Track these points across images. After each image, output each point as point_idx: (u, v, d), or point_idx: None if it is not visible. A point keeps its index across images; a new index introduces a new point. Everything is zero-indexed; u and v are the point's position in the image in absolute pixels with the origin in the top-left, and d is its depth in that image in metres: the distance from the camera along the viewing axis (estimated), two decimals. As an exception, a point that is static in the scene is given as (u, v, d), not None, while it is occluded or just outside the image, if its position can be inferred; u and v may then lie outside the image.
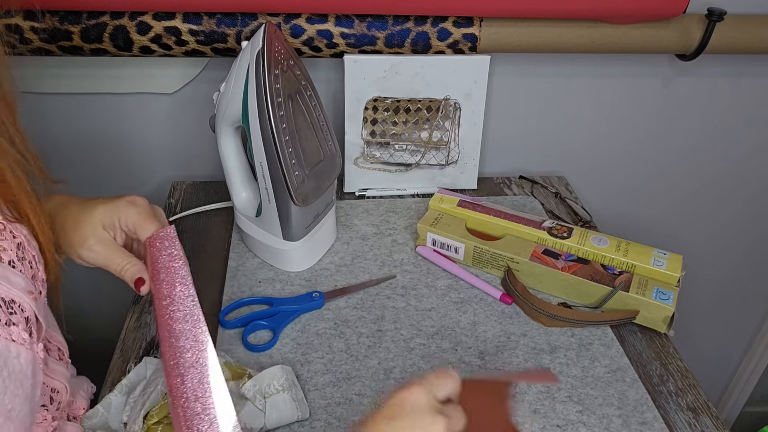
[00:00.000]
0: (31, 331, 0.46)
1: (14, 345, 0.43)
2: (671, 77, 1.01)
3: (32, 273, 0.49)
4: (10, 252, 0.46)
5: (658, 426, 0.64)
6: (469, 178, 1.00)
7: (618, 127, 1.06)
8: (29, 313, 0.46)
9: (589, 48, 0.90)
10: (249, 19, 0.83)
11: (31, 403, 0.45)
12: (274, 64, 0.69)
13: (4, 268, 0.45)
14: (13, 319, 0.44)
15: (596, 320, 0.74)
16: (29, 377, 0.45)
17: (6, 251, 0.46)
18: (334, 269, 0.83)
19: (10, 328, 0.43)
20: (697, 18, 0.89)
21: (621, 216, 1.16)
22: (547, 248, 0.80)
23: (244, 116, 0.72)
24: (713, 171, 1.12)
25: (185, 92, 0.95)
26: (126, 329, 0.75)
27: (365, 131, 0.94)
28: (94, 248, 0.58)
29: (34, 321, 0.47)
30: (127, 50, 0.84)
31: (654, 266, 0.75)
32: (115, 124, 0.97)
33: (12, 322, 0.44)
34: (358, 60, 0.88)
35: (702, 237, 1.21)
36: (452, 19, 0.86)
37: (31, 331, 0.46)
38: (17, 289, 0.45)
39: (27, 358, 0.45)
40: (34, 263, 0.50)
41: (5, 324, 0.43)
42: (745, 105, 1.05)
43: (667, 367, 0.71)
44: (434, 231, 0.84)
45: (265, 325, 0.73)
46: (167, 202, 0.96)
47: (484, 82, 0.91)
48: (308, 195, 0.75)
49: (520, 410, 0.65)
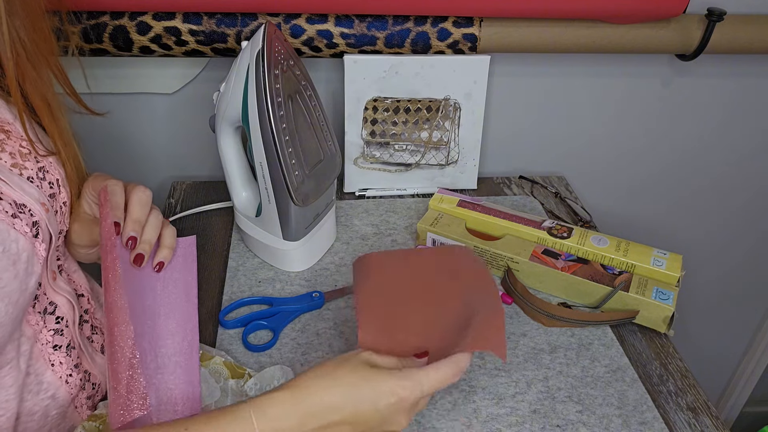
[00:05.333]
0: (37, 233, 0.53)
1: (14, 232, 0.50)
2: (671, 77, 1.01)
3: (51, 192, 0.58)
4: (30, 170, 0.56)
5: (657, 426, 0.64)
6: (469, 178, 1.00)
7: (618, 127, 1.06)
8: (38, 218, 0.53)
9: (589, 48, 0.90)
10: (249, 19, 0.83)
11: (21, 284, 0.50)
12: (274, 64, 0.69)
13: (22, 180, 0.54)
14: (20, 215, 0.51)
15: (596, 320, 0.74)
16: (23, 262, 0.51)
17: (27, 169, 0.55)
18: (334, 269, 0.83)
19: (14, 219, 0.51)
20: (697, 18, 0.89)
21: (621, 216, 1.16)
22: (547, 248, 0.80)
23: (244, 116, 0.72)
24: (713, 171, 1.12)
25: (185, 92, 0.95)
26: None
27: (365, 131, 0.94)
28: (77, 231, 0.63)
29: (43, 228, 0.54)
30: (127, 50, 0.84)
31: (654, 266, 0.75)
32: (115, 124, 0.97)
33: (17, 216, 0.51)
34: (358, 60, 0.88)
35: (702, 237, 1.21)
36: (452, 19, 0.86)
37: (37, 233, 0.53)
38: (30, 197, 0.53)
39: (24, 246, 0.51)
40: (56, 185, 0.59)
41: (11, 216, 0.51)
42: (745, 105, 1.05)
43: (667, 367, 0.71)
44: (434, 231, 0.84)
45: (265, 325, 0.73)
46: (167, 202, 0.96)
47: (484, 82, 0.91)
48: (308, 195, 0.75)
49: (520, 410, 0.65)
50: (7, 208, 0.50)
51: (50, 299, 0.58)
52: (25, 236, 0.51)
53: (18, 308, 0.50)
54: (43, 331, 0.57)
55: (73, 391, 0.60)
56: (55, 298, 0.58)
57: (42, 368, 0.57)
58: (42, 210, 0.54)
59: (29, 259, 0.51)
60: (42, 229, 0.54)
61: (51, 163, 0.59)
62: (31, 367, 0.55)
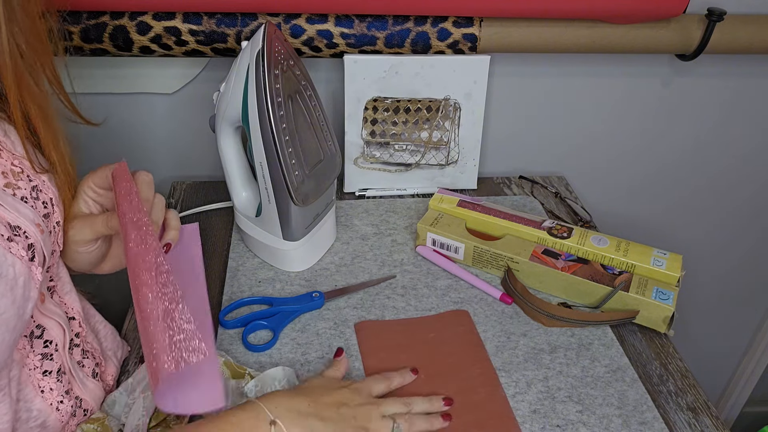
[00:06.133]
0: (33, 256, 0.51)
1: (10, 255, 0.48)
2: (671, 77, 1.01)
3: (45, 212, 0.55)
4: (24, 190, 0.53)
5: (658, 426, 0.64)
6: (469, 178, 1.00)
7: (618, 127, 1.06)
8: (33, 240, 0.51)
9: (589, 48, 0.90)
10: (249, 19, 0.83)
11: (19, 310, 0.49)
12: (274, 64, 0.69)
13: (16, 201, 0.52)
14: (15, 239, 0.50)
15: (596, 320, 0.74)
16: (20, 287, 0.49)
17: (20, 189, 0.53)
18: (334, 269, 0.83)
19: (10, 243, 0.49)
20: (697, 18, 0.89)
21: (621, 216, 1.16)
22: (547, 248, 0.80)
23: (244, 116, 0.72)
24: (713, 171, 1.12)
25: (185, 92, 0.95)
26: (126, 329, 0.75)
27: (365, 131, 0.94)
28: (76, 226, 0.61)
29: (38, 250, 0.52)
30: (127, 50, 0.84)
31: (654, 266, 0.75)
32: (115, 124, 0.97)
33: (13, 239, 0.49)
34: (358, 60, 0.88)
35: (702, 237, 1.21)
36: (452, 19, 0.86)
37: (33, 256, 0.51)
38: (24, 218, 0.51)
39: (21, 270, 0.49)
40: (50, 205, 0.56)
41: (7, 239, 0.49)
42: (745, 105, 1.05)
43: (667, 367, 0.71)
44: (434, 231, 0.84)
45: (265, 325, 0.73)
46: (167, 202, 0.95)
47: (484, 82, 0.91)
48: (308, 195, 0.75)
49: (520, 410, 0.65)
50: (2, 231, 0.48)
51: (37, 322, 0.56)
52: (21, 260, 0.49)
53: (15, 335, 0.49)
54: (30, 356, 0.55)
55: (64, 418, 0.57)
56: (43, 321, 0.56)
57: (31, 395, 0.55)
58: (37, 231, 0.52)
59: (26, 283, 0.50)
60: (37, 251, 0.52)
61: (44, 181, 0.57)
62: (20, 393, 0.54)
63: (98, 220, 0.61)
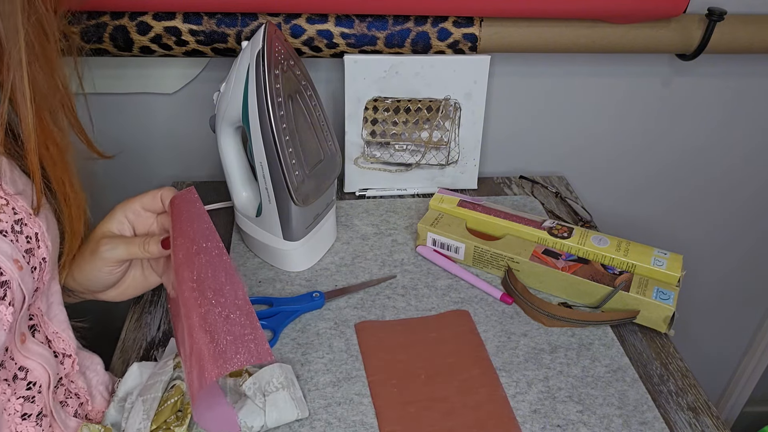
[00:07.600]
0: (5, 294, 0.47)
1: None
2: (671, 77, 1.01)
3: (28, 247, 0.51)
4: (5, 223, 0.49)
5: (658, 426, 0.64)
6: (469, 178, 1.00)
7: (618, 127, 1.06)
8: (8, 277, 0.48)
9: (589, 48, 0.90)
10: (249, 19, 0.83)
11: None
12: (274, 64, 0.69)
13: None
14: None
15: (596, 320, 0.74)
16: None
17: (1, 222, 0.49)
18: (335, 269, 0.83)
19: None
20: (697, 18, 0.89)
21: (621, 216, 1.16)
22: (547, 248, 0.80)
23: (244, 116, 0.72)
24: (713, 171, 1.12)
25: (185, 92, 0.95)
26: (126, 329, 0.75)
27: (365, 131, 0.94)
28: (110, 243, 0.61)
29: (13, 288, 0.48)
30: (127, 50, 0.84)
31: (654, 266, 0.75)
32: (115, 124, 0.97)
33: None
34: (358, 60, 0.88)
35: (702, 237, 1.21)
36: (452, 19, 0.86)
37: (4, 294, 0.47)
38: (1, 254, 0.48)
39: None
40: (34, 240, 0.52)
41: None
42: (745, 105, 1.05)
43: (668, 367, 0.71)
44: (434, 231, 0.84)
45: (265, 325, 0.73)
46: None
47: (484, 82, 0.91)
48: (308, 195, 0.75)
49: (520, 410, 0.65)
50: None
51: (19, 364, 0.52)
52: None
53: None
54: (11, 399, 0.51)
55: None
56: (25, 363, 0.53)
57: None
58: (14, 267, 0.48)
59: None
60: (12, 289, 0.48)
61: (30, 215, 0.53)
62: None
63: (135, 242, 0.61)
